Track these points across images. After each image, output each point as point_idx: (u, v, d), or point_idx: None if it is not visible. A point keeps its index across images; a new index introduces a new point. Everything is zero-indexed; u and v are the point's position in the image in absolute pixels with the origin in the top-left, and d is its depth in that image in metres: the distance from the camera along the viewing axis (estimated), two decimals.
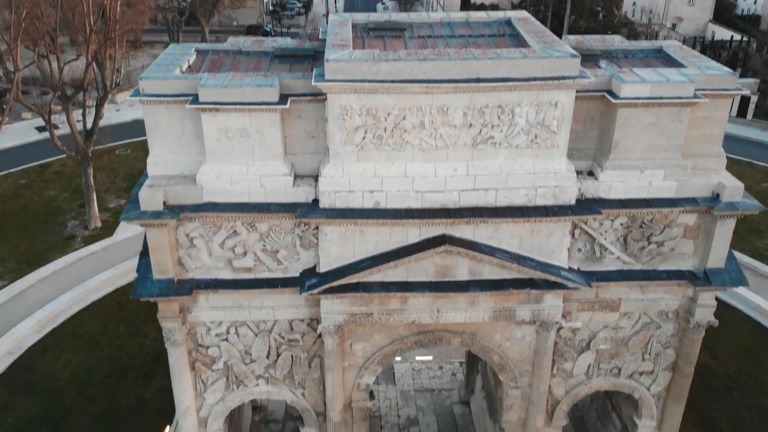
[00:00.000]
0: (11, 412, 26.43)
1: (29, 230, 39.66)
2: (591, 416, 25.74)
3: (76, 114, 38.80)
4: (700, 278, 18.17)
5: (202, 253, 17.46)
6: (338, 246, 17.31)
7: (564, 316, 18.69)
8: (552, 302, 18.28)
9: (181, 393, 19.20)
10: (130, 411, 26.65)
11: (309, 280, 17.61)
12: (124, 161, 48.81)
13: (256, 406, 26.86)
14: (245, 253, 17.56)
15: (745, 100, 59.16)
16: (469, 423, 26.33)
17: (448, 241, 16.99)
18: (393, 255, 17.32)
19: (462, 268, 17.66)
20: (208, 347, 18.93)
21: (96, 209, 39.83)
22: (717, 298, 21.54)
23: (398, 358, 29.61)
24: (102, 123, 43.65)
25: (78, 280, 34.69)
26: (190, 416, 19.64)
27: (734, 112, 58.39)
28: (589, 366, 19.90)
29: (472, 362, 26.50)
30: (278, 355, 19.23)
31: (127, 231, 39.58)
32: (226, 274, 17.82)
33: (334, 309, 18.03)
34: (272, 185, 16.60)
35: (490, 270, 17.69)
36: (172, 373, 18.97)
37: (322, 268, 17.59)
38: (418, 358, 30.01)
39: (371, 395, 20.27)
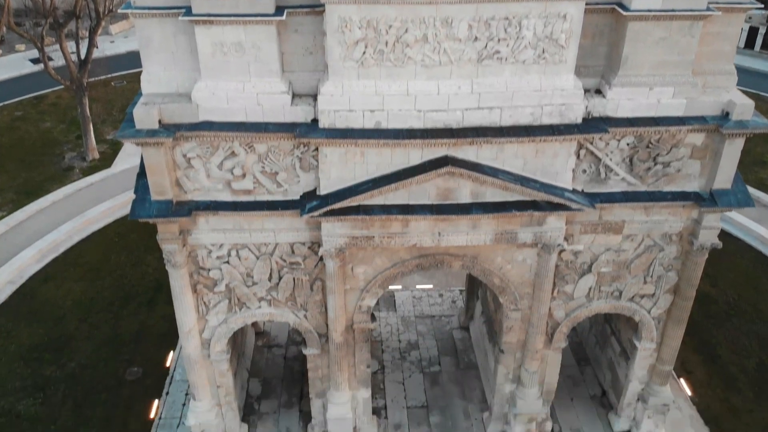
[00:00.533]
0: (14, 339, 26.74)
1: (26, 162, 39.30)
2: (590, 341, 26.03)
3: (71, 46, 37.84)
4: (705, 199, 17.92)
5: (201, 175, 17.16)
6: (338, 168, 16.99)
7: (566, 239, 18.54)
8: (554, 224, 18.10)
9: (184, 315, 19.25)
10: (133, 337, 26.95)
11: (309, 202, 17.37)
12: (120, 93, 47.96)
13: (259, 332, 27.16)
14: (244, 175, 17.26)
15: (753, 31, 57.92)
16: (468, 347, 26.65)
17: (451, 163, 16.65)
18: (394, 177, 17.01)
19: (464, 190, 17.38)
20: (209, 270, 18.86)
21: (93, 140, 39.35)
22: (723, 230, 21.58)
23: (399, 287, 29.88)
24: (96, 55, 42.65)
25: (77, 211, 34.59)
26: (193, 338, 19.77)
27: (742, 43, 57.12)
28: (590, 289, 19.90)
29: (472, 289, 26.62)
30: (280, 278, 19.19)
31: (126, 162, 39.29)
32: (226, 196, 17.57)
33: (335, 232, 17.86)
34: (269, 103, 16.14)
35: (493, 192, 17.42)
36: (174, 296, 18.98)
37: (323, 191, 17.33)
38: (418, 286, 30.18)
39: (372, 317, 20.34)
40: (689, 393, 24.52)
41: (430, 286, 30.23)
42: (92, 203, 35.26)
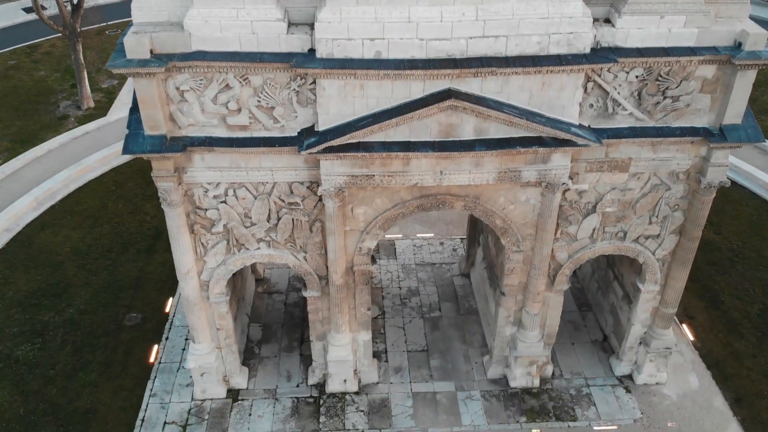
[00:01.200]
0: (12, 286, 26.53)
1: (21, 110, 38.57)
2: (591, 287, 25.83)
3: None
4: (715, 135, 17.43)
5: (195, 109, 16.62)
6: (337, 102, 16.44)
7: (571, 178, 18.12)
8: (559, 162, 17.64)
9: (181, 255, 18.95)
10: (132, 283, 26.74)
11: (307, 139, 16.88)
12: (114, 42, 46.74)
13: (259, 278, 26.97)
14: (239, 110, 16.73)
15: None
16: (469, 293, 26.48)
17: (454, 96, 16.09)
18: (395, 112, 16.47)
19: (467, 126, 16.88)
20: (206, 210, 18.49)
21: (88, 88, 38.57)
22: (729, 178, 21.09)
23: (399, 235, 29.59)
24: (90, 3, 41.70)
25: (73, 160, 34.03)
26: (191, 279, 19.51)
27: None
28: (593, 230, 19.55)
29: (474, 236, 26.30)
30: (279, 219, 18.83)
31: (121, 111, 38.51)
32: (221, 132, 17.07)
33: (334, 171, 17.41)
34: (264, 32, 15.50)
35: (497, 128, 16.92)
36: (171, 236, 18.64)
37: (321, 127, 16.82)
38: (419, 235, 29.89)
39: (373, 260, 20.06)
40: (691, 338, 24.40)
41: (431, 235, 29.92)
42: (88, 152, 34.68)
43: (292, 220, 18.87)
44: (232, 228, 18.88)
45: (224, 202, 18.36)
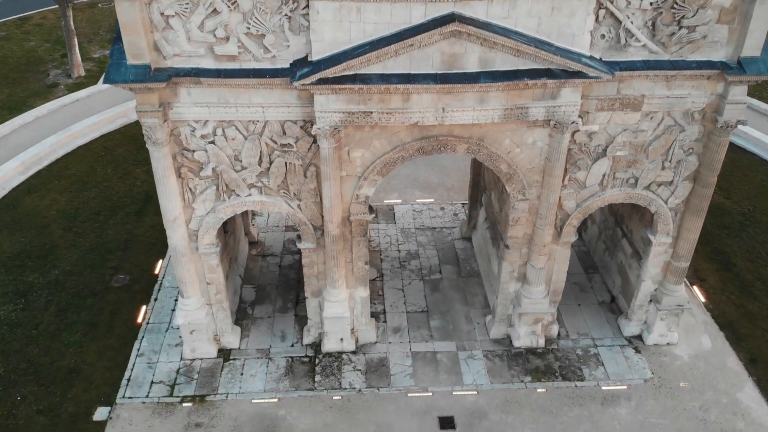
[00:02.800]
0: None
1: (9, 79, 37.50)
2: (598, 249, 24.84)
3: None
4: (733, 68, 16.42)
5: (180, 37, 15.59)
6: (332, 28, 15.42)
7: (581, 117, 17.10)
8: (569, 98, 16.63)
9: (168, 201, 17.92)
10: (121, 245, 25.71)
11: (300, 69, 15.86)
12: (107, 14, 45.80)
13: (253, 241, 25.95)
14: (228, 38, 15.70)
15: None
16: (470, 256, 25.48)
17: (458, 19, 15.07)
18: (394, 38, 15.44)
19: (471, 56, 15.85)
20: (194, 151, 17.47)
21: (78, 56, 37.50)
22: (732, 143, 20.09)
23: (398, 201, 28.61)
24: None
25: (62, 126, 32.94)
26: (179, 227, 18.48)
27: None
28: (603, 176, 18.54)
29: (476, 196, 25.29)
30: (271, 163, 17.81)
31: None
32: (208, 63, 16.05)
33: (329, 107, 16.39)
34: None
35: (503, 59, 15.90)
36: (157, 180, 17.61)
37: (315, 56, 15.79)
38: (418, 200, 28.88)
39: (371, 209, 19.03)
40: (703, 299, 23.42)
41: (431, 200, 28.92)
42: (77, 118, 33.55)
43: (285, 163, 17.85)
44: (221, 172, 17.86)
45: (213, 142, 17.35)
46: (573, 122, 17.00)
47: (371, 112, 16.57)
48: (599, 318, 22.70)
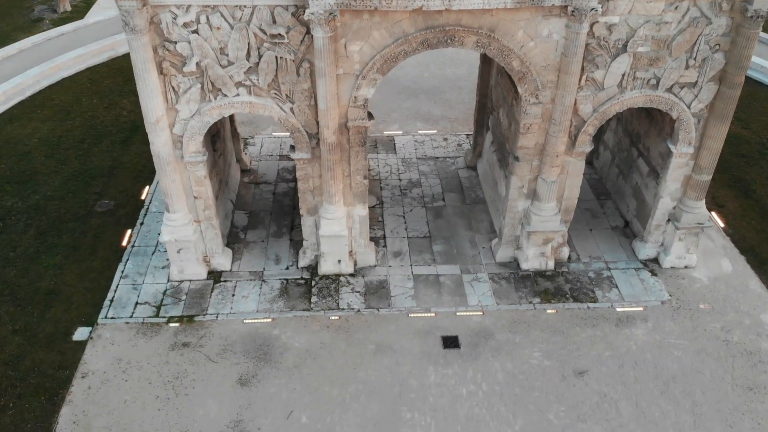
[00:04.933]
0: None
1: None
2: (611, 174, 23.45)
3: None
4: None
5: None
6: None
7: (600, 4, 15.59)
8: None
9: (149, 99, 16.47)
10: (105, 171, 24.33)
11: None
12: None
13: (245, 169, 24.57)
14: None
15: None
16: (475, 184, 24.10)
17: None
18: None
19: None
20: (176, 42, 15.97)
21: None
22: (748, 76, 18.69)
23: (399, 132, 27.20)
24: None
25: (46, 58, 31.39)
26: (162, 131, 17.06)
27: None
28: (623, 75, 17.07)
29: (482, 120, 23.85)
30: (260, 57, 16.32)
31: (100, 14, 35.95)
32: None
33: None
34: None
35: None
36: (136, 75, 16.14)
37: None
38: (420, 131, 27.44)
39: (370, 115, 17.60)
40: (722, 224, 22.11)
41: (434, 131, 27.48)
42: (62, 51, 32.03)
43: (276, 58, 16.36)
44: (206, 67, 16.39)
45: (196, 32, 15.84)
46: (593, 9, 15.50)
47: None
48: (612, 242, 21.40)
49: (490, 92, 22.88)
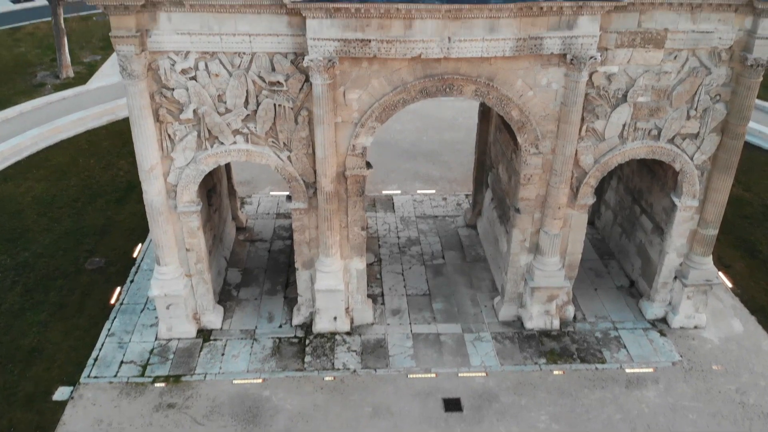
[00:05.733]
0: None
1: None
2: (614, 234, 22.97)
3: None
4: None
5: None
6: None
7: (599, 53, 15.59)
8: (587, 28, 15.17)
9: (144, 147, 16.18)
10: (98, 230, 23.81)
11: None
12: (100, 26, 45.04)
13: (241, 227, 24.10)
14: None
15: None
16: (475, 243, 23.58)
17: None
18: None
19: None
20: (173, 89, 15.85)
21: (67, 57, 36.39)
22: (747, 142, 18.79)
23: (398, 191, 26.95)
24: None
25: (46, 121, 31.47)
26: (156, 180, 16.68)
27: None
28: (624, 125, 16.91)
29: (481, 177, 23.61)
30: (258, 105, 16.18)
31: (102, 80, 36.42)
32: None
33: (323, 33, 14.88)
34: None
35: None
36: (132, 122, 15.93)
37: None
38: (419, 191, 27.19)
39: (368, 165, 17.30)
40: (729, 285, 21.46)
41: (433, 191, 27.22)
42: (63, 115, 32.18)
43: (274, 106, 16.21)
44: (203, 114, 16.20)
45: (194, 78, 15.74)
46: (591, 57, 15.48)
47: (369, 41, 15.05)
48: (618, 302, 20.68)
49: (488, 149, 22.74)
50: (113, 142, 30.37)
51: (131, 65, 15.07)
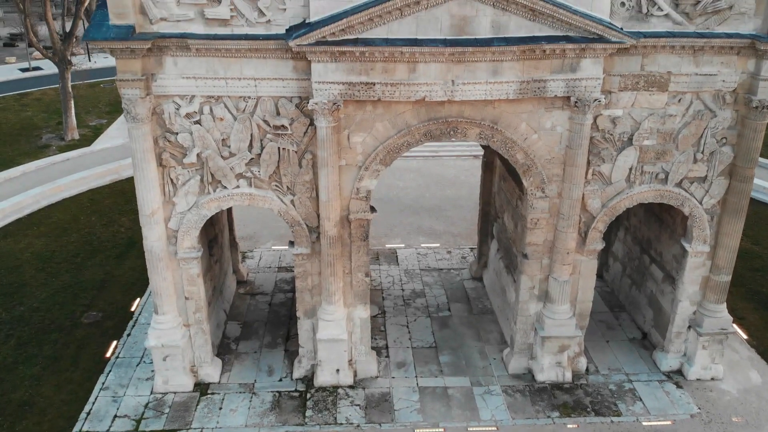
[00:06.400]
0: None
1: (1, 141, 36.57)
2: (624, 285, 22.49)
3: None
4: (764, 38, 15.15)
5: None
6: None
7: (603, 96, 15.63)
8: (590, 71, 15.26)
9: (146, 191, 15.99)
10: (96, 285, 23.36)
11: (297, 31, 14.56)
12: (107, 92, 45.94)
13: (242, 280, 23.66)
14: (220, 0, 14.57)
15: None
16: (482, 295, 23.07)
17: None
18: None
19: (483, 20, 14.65)
20: (177, 133, 15.81)
21: (74, 119, 36.86)
22: (752, 198, 18.74)
23: (402, 244, 26.63)
24: (86, 67, 41.26)
25: (48, 181, 31.51)
26: (156, 225, 16.41)
27: None
28: (630, 169, 16.77)
29: (485, 229, 23.35)
30: (262, 149, 16.10)
31: (107, 141, 36.72)
32: (198, 29, 14.78)
33: (327, 77, 14.96)
34: None
35: (517, 24, 14.70)
36: (135, 165, 15.81)
37: (313, 17, 14.55)
38: (423, 245, 26.86)
39: (372, 209, 17.07)
40: (745, 336, 20.83)
41: (437, 245, 26.89)
42: (66, 175, 32.24)
43: (279, 150, 16.14)
44: (207, 158, 16.11)
45: (198, 122, 15.72)
46: (596, 100, 15.50)
47: (374, 84, 15.10)
48: (631, 354, 20.00)
49: (492, 199, 22.57)
50: (116, 200, 30.29)
51: (136, 108, 15.08)
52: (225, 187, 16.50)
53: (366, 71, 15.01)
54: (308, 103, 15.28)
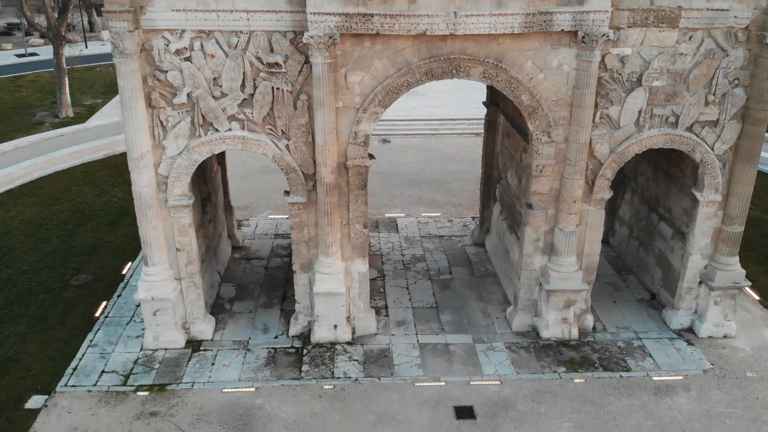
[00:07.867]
0: None
1: None
2: (630, 249, 21.78)
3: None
4: None
5: None
6: None
7: (611, 32, 14.97)
8: (598, 3, 14.64)
9: (134, 132, 15.34)
10: (87, 249, 22.68)
11: None
12: (104, 75, 45.46)
13: (237, 245, 22.96)
14: None
15: None
16: (484, 260, 22.36)
17: None
18: None
19: None
20: (166, 71, 15.15)
21: (68, 96, 36.24)
22: (760, 171, 18.13)
23: (402, 214, 25.94)
24: (86, 52, 40.72)
25: (41, 155, 30.88)
26: (146, 169, 15.75)
27: None
28: (639, 112, 16.10)
29: (488, 191, 22.65)
30: (255, 88, 15.44)
31: (101, 119, 36.12)
32: None
33: (323, 8, 14.32)
34: None
35: None
36: (123, 104, 15.16)
37: None
38: (424, 214, 26.17)
39: (371, 156, 16.40)
40: (757, 297, 20.13)
41: (438, 214, 26.20)
42: (59, 149, 31.60)
43: (272, 89, 15.48)
44: (197, 99, 15.45)
45: (189, 59, 15.07)
46: (604, 35, 14.85)
47: (372, 16, 14.46)
48: (640, 313, 19.30)
49: (495, 160, 21.90)
50: (109, 173, 29.65)
51: (123, 43, 14.44)
52: (217, 130, 15.84)
53: (364, 1, 14.38)
54: (303, 37, 14.63)
